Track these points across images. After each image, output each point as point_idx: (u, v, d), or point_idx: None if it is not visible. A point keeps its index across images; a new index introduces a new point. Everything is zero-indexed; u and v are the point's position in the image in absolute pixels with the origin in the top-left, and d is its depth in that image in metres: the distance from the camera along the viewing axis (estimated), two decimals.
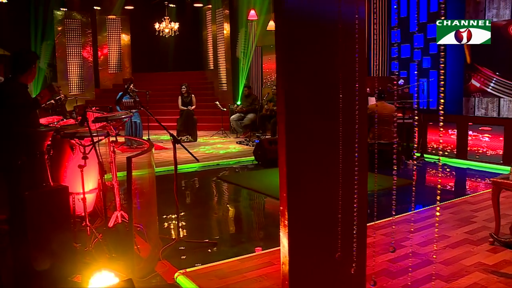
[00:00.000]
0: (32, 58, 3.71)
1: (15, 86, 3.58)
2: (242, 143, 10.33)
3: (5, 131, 3.52)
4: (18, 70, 3.65)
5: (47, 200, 3.39)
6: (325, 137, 2.36)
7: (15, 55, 3.72)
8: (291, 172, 2.23)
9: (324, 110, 2.35)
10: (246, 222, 5.24)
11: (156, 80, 15.29)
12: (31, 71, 3.68)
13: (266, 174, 7.31)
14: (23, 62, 3.65)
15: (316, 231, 2.36)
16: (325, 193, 2.36)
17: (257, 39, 12.23)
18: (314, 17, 2.27)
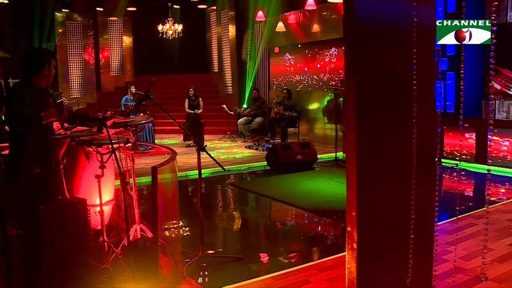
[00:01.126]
0: (45, 57, 3.37)
1: (22, 89, 3.27)
2: (251, 147, 10.04)
3: (15, 139, 3.23)
4: (29, 70, 3.35)
5: (64, 214, 3.09)
6: (397, 151, 2.07)
7: (26, 54, 3.41)
8: (361, 188, 1.96)
9: (396, 122, 2.07)
10: (271, 233, 4.93)
11: (158, 82, 14.96)
12: (45, 72, 3.36)
13: (282, 181, 7.02)
14: (34, 61, 3.32)
15: (386, 255, 2.07)
16: (395, 211, 2.07)
17: (265, 41, 11.95)
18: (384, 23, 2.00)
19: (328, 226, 5.05)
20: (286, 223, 5.25)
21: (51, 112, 3.23)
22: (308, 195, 6.07)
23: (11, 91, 3.27)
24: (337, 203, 5.65)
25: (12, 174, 3.25)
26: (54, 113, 3.24)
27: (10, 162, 3.28)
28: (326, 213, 5.30)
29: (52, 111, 3.23)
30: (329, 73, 10.25)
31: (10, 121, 3.19)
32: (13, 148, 3.26)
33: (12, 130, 3.25)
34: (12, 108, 3.14)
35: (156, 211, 3.05)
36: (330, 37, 10.00)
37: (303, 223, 5.24)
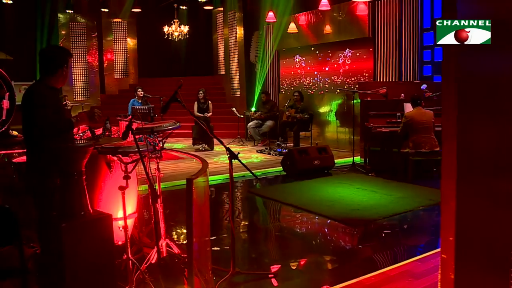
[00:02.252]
0: (63, 56, 3.09)
1: (43, 90, 2.97)
2: (263, 152, 9.73)
3: (34, 147, 2.92)
4: (47, 70, 3.04)
5: (88, 232, 2.78)
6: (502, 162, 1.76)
7: (43, 53, 3.11)
8: (461, 210, 1.64)
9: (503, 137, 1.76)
10: (302, 246, 4.57)
11: (163, 85, 14.63)
12: (63, 72, 3.07)
13: (301, 187, 6.71)
14: (52, 61, 3.03)
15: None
16: (496, 236, 1.77)
17: (274, 43, 11.65)
18: None
19: (361, 237, 4.75)
20: (316, 234, 4.93)
21: (82, 117, 2.94)
22: (332, 203, 5.77)
23: (31, 93, 2.96)
24: (365, 211, 5.35)
25: (31, 186, 2.95)
26: (85, 119, 2.95)
27: (28, 172, 2.98)
28: (355, 223, 4.99)
29: (83, 116, 2.94)
30: (343, 76, 9.96)
31: (32, 127, 2.87)
32: (31, 158, 2.97)
33: (31, 138, 2.93)
34: (35, 112, 2.83)
35: (191, 227, 2.74)
36: (344, 38, 9.72)
37: (333, 234, 4.93)
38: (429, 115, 7.01)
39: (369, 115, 7.80)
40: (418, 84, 8.36)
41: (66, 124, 2.87)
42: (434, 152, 6.98)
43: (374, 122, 7.73)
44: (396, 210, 5.41)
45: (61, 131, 2.87)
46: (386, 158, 7.80)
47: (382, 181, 6.98)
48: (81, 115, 2.97)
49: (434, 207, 5.61)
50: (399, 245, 4.45)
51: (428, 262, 3.76)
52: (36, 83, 3.12)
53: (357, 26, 9.33)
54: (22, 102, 2.98)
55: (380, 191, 6.32)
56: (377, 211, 5.38)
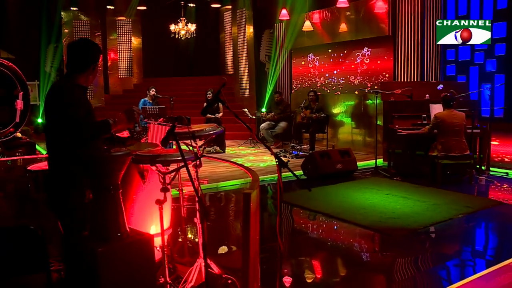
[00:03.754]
0: (95, 53, 2.74)
1: (73, 89, 2.61)
2: (278, 154, 9.35)
3: (60, 153, 2.54)
4: (78, 67, 2.68)
5: (126, 256, 2.41)
6: None
7: (74, 47, 2.73)
8: None
9: None
10: (347, 259, 4.17)
11: (169, 85, 14.29)
12: (92, 70, 2.73)
13: (328, 193, 6.34)
14: (84, 58, 2.68)
15: None
16: None
17: (286, 41, 11.29)
18: None
19: (408, 249, 4.39)
20: (359, 246, 4.57)
21: (120, 118, 2.56)
22: (365, 211, 5.42)
23: (60, 90, 2.58)
24: (402, 220, 5.01)
25: (56, 202, 2.57)
26: (124, 120, 2.56)
27: (53, 185, 2.59)
28: (395, 233, 4.65)
29: (121, 117, 2.56)
30: (361, 76, 9.61)
31: (60, 130, 2.50)
32: (57, 167, 2.58)
33: (57, 143, 2.57)
34: (65, 112, 2.46)
35: (247, 248, 2.38)
36: (361, 36, 9.37)
37: (377, 245, 4.57)
38: (461, 117, 6.68)
39: (394, 116, 7.46)
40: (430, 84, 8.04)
41: (102, 126, 2.49)
42: (464, 156, 6.65)
43: (398, 124, 7.39)
44: (434, 218, 5.07)
45: (96, 134, 2.50)
46: (411, 161, 7.48)
47: (410, 186, 6.64)
48: (118, 115, 2.60)
49: (474, 215, 5.29)
50: (450, 258, 4.11)
51: (493, 280, 3.41)
52: (64, 79, 2.75)
53: (375, 24, 8.99)
54: (46, 100, 2.62)
55: (411, 197, 5.98)
56: (415, 219, 5.03)
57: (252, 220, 2.36)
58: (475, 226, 5.09)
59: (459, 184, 6.75)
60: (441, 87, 8.12)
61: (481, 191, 6.61)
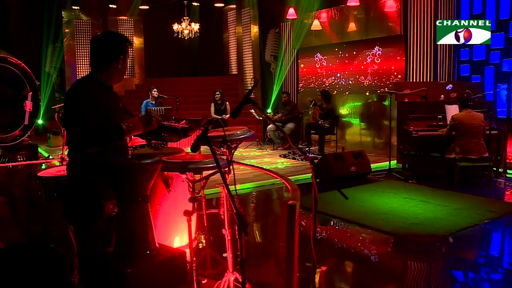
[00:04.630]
0: (119, 45, 2.47)
1: (92, 88, 2.38)
2: (287, 156, 9.17)
3: (82, 162, 2.31)
4: (98, 63, 2.45)
5: (157, 276, 2.18)
6: None
7: (93, 41, 2.51)
8: None
9: None
10: (379, 271, 3.96)
11: (172, 86, 14.06)
12: (118, 65, 2.46)
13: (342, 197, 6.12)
14: (106, 51, 2.44)
15: None
16: None
17: (294, 41, 11.08)
18: None
19: (437, 256, 4.19)
20: (388, 254, 4.36)
21: (135, 123, 2.33)
22: (386, 216, 5.22)
23: (78, 90, 2.36)
24: (426, 226, 4.81)
25: (76, 215, 2.32)
26: (140, 125, 2.34)
27: (72, 196, 2.34)
28: (422, 240, 4.45)
29: (136, 122, 2.33)
30: (371, 76, 9.41)
31: (74, 134, 2.28)
32: (74, 175, 2.33)
33: (73, 148, 2.34)
34: (79, 114, 2.23)
35: (292, 264, 2.17)
36: (371, 36, 9.17)
37: (407, 254, 4.34)
38: (479, 118, 6.49)
39: (409, 118, 7.26)
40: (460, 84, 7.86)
41: (114, 131, 2.26)
42: (483, 158, 6.47)
43: (413, 126, 7.19)
44: (459, 224, 4.87)
45: (106, 140, 2.26)
46: (426, 163, 7.29)
47: (427, 189, 6.44)
48: (133, 120, 2.35)
49: (500, 221, 5.09)
50: (487, 268, 3.91)
51: None
52: (85, 78, 2.50)
53: (386, 23, 8.79)
54: (65, 100, 2.41)
55: (431, 201, 5.78)
56: (439, 225, 4.83)
57: (296, 233, 2.15)
58: (504, 232, 4.89)
59: (477, 187, 6.56)
60: (450, 87, 7.93)
61: (500, 194, 6.43)
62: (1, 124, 3.40)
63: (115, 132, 2.24)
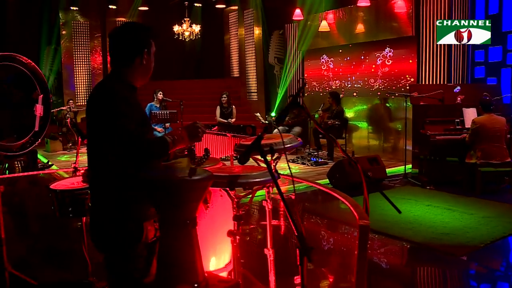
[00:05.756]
0: (142, 37, 2.08)
1: (124, 91, 1.99)
2: (296, 161, 8.88)
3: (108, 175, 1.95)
4: (120, 60, 2.07)
5: None
6: None
7: (113, 35, 2.11)
8: None
9: None
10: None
11: (174, 88, 13.71)
12: (142, 61, 2.06)
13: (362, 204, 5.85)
14: (126, 46, 2.06)
15: None
16: None
17: (299, 43, 10.81)
18: None
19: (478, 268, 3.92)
20: (426, 268, 4.08)
21: (180, 136, 1.96)
22: (412, 225, 4.95)
23: (112, 96, 1.94)
24: (458, 236, 4.56)
25: (109, 239, 1.95)
26: (185, 138, 1.98)
27: (103, 218, 1.97)
28: (458, 251, 4.18)
29: (181, 135, 1.97)
30: (381, 78, 9.16)
31: (106, 145, 1.93)
32: (110, 194, 1.96)
33: (102, 161, 1.97)
34: (112, 125, 1.88)
35: None
36: (382, 37, 8.92)
37: (446, 267, 4.06)
38: (501, 122, 6.26)
39: (425, 121, 7.01)
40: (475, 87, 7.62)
41: (159, 145, 1.91)
42: (505, 163, 6.23)
43: (430, 130, 6.94)
44: (493, 234, 4.61)
45: (151, 155, 1.91)
46: (442, 168, 7.04)
47: (448, 195, 6.19)
48: (177, 133, 2.00)
49: None
50: None
51: None
52: (112, 79, 2.07)
53: (397, 24, 8.56)
54: (90, 105, 2.02)
55: (456, 209, 5.53)
56: (471, 235, 4.57)
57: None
58: None
59: (498, 194, 6.31)
60: (458, 89, 7.70)
61: None
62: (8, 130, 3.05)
63: (161, 147, 1.90)
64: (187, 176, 1.76)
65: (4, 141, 3.08)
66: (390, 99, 8.91)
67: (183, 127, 2.03)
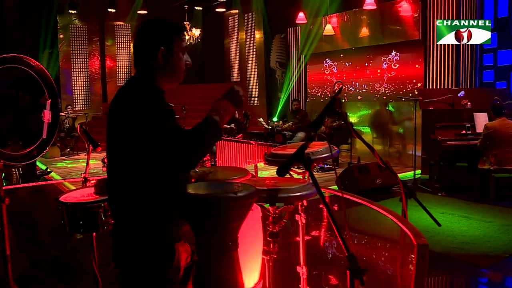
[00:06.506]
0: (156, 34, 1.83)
1: (156, 94, 1.76)
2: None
3: (147, 193, 1.71)
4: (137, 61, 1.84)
5: None
6: None
7: (136, 34, 1.88)
8: None
9: None
10: None
11: (175, 93, 13.51)
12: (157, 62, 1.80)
13: (376, 212, 5.68)
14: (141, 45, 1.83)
15: None
16: None
17: (302, 47, 10.67)
18: None
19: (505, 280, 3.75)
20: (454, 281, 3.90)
21: (225, 107, 1.72)
22: (430, 234, 4.75)
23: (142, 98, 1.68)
24: (479, 245, 4.40)
25: (135, 263, 1.72)
26: (230, 107, 1.74)
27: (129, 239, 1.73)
28: (482, 262, 4.01)
29: (225, 105, 1.72)
30: (387, 83, 9.02)
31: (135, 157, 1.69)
32: (137, 213, 1.72)
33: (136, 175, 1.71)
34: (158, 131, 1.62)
35: None
36: (388, 41, 8.80)
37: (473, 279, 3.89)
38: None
39: (436, 126, 6.87)
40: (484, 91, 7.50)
41: (210, 128, 1.65)
42: None
43: (441, 135, 6.80)
44: None
45: (207, 143, 1.64)
46: (452, 174, 6.90)
47: (462, 202, 6.05)
48: (220, 104, 1.72)
49: None
50: None
51: None
52: (135, 81, 1.83)
53: (403, 27, 8.43)
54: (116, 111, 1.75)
55: (472, 216, 5.37)
56: (493, 245, 4.41)
57: None
58: None
59: None
60: (462, 93, 7.58)
61: None
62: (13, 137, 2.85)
63: (212, 129, 1.63)
64: (233, 193, 1.56)
65: (8, 148, 2.87)
66: (396, 104, 8.77)
67: (223, 96, 1.77)
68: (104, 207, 2.65)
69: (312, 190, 2.02)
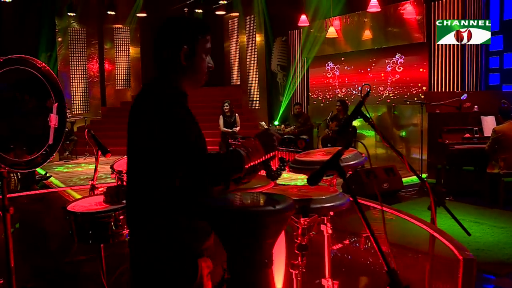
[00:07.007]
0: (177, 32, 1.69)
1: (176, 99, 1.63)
2: None
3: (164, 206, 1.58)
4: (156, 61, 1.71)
5: None
6: None
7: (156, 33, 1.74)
8: None
9: None
10: None
11: None
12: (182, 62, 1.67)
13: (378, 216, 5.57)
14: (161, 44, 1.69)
15: None
16: None
17: (304, 49, 10.58)
18: None
19: None
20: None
21: (255, 147, 1.60)
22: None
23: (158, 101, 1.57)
24: (495, 252, 4.30)
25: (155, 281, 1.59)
26: (260, 149, 1.62)
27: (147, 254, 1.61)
28: (500, 270, 3.90)
29: (255, 146, 1.61)
30: (391, 86, 8.93)
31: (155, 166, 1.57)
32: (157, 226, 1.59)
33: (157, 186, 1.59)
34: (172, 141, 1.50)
35: None
36: (392, 44, 8.71)
37: None
38: None
39: (443, 130, 6.77)
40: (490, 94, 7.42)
41: (233, 161, 1.54)
42: None
43: (448, 139, 6.70)
44: None
45: (226, 176, 1.54)
46: (459, 178, 6.80)
47: (471, 207, 5.94)
48: (252, 143, 1.62)
49: None
50: None
51: None
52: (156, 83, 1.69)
53: (407, 30, 8.35)
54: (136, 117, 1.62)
55: (483, 221, 5.27)
56: (509, 251, 4.31)
57: None
58: None
59: None
60: (465, 96, 7.49)
61: None
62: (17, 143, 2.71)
63: (235, 161, 1.53)
64: (271, 206, 1.43)
65: (12, 154, 2.73)
66: (400, 107, 8.68)
67: (255, 136, 1.67)
68: (115, 216, 2.52)
69: (344, 200, 1.91)
